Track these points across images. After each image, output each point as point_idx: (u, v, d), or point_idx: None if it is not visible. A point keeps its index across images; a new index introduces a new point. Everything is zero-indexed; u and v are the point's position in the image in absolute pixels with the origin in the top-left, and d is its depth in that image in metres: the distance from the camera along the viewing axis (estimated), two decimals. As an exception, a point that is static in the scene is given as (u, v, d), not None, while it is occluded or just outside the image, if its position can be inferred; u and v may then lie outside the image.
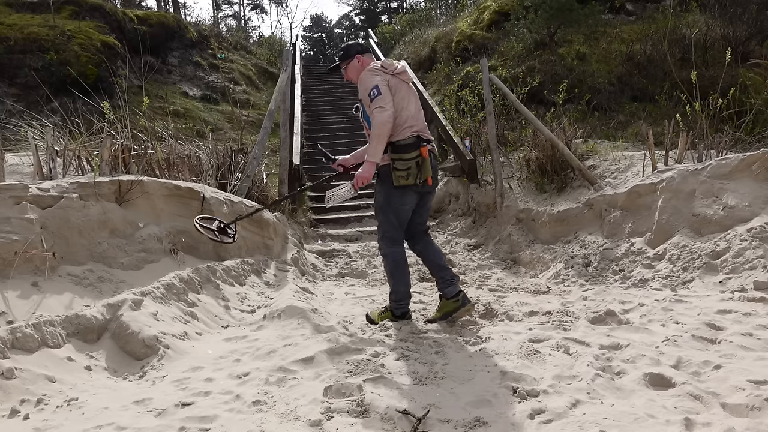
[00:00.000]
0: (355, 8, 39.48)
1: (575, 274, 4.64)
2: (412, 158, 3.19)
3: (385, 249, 3.39)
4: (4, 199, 3.12)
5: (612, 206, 5.00)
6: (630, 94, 9.22)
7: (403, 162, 3.19)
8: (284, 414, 2.16)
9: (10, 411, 2.12)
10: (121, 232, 3.65)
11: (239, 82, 14.15)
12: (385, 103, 3.11)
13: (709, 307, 3.19)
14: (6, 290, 2.79)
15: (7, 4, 10.75)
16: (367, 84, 3.21)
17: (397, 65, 3.35)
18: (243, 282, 4.21)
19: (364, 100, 3.27)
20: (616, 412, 2.02)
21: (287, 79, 7.46)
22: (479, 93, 7.69)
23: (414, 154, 3.19)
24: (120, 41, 11.26)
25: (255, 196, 5.76)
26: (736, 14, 9.39)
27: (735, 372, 2.27)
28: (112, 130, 4.46)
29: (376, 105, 3.12)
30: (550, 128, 6.38)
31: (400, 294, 3.41)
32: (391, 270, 3.40)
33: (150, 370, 2.64)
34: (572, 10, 9.98)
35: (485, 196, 6.82)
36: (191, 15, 30.04)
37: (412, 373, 2.53)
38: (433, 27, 16.31)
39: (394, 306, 3.44)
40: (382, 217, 3.37)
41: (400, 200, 3.28)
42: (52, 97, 7.52)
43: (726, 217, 4.07)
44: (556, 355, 2.67)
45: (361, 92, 3.25)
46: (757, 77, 8.15)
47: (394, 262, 3.37)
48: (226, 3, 33.77)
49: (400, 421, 2.06)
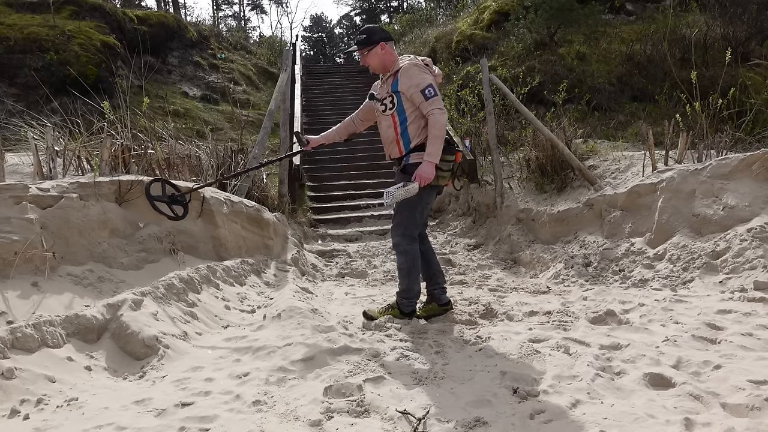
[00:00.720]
0: (355, 8, 39.49)
1: (575, 274, 4.64)
2: (452, 160, 3.30)
3: (405, 246, 3.34)
4: (4, 199, 3.12)
5: (612, 206, 5.00)
6: (630, 94, 9.22)
7: (446, 163, 3.26)
8: (284, 414, 2.16)
9: (10, 411, 2.12)
10: (121, 232, 3.65)
11: (239, 82, 14.15)
12: (442, 105, 3.19)
13: (709, 307, 3.19)
14: (6, 290, 2.79)
15: (7, 4, 10.76)
16: (419, 80, 3.18)
17: (436, 68, 3.39)
18: (243, 282, 4.21)
19: (411, 94, 3.19)
20: (616, 412, 2.02)
21: (287, 79, 7.46)
22: (479, 93, 7.69)
23: (453, 156, 3.30)
24: (120, 41, 11.27)
25: (255, 196, 5.76)
26: (736, 14, 9.40)
27: (735, 372, 2.27)
28: (112, 130, 4.46)
29: (436, 105, 3.16)
30: (550, 128, 6.38)
31: (413, 292, 3.41)
32: (409, 268, 3.36)
33: (150, 370, 2.64)
34: (572, 10, 9.98)
35: (485, 196, 6.82)
36: (191, 15, 30.07)
37: (412, 373, 2.53)
38: (433, 27, 16.32)
39: (406, 303, 3.41)
40: (408, 214, 3.32)
41: (429, 198, 3.37)
42: (52, 97, 7.52)
43: (726, 217, 4.07)
44: (556, 355, 2.67)
45: (408, 85, 3.18)
46: (757, 77, 8.15)
47: (413, 260, 3.36)
48: (226, 3, 33.79)
49: (400, 421, 2.06)
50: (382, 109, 3.33)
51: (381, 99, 3.32)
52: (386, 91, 3.31)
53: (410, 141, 3.27)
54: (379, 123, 3.41)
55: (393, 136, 3.31)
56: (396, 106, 3.26)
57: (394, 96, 3.26)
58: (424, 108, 3.17)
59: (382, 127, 3.38)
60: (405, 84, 3.21)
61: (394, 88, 3.25)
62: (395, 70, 3.29)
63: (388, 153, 3.43)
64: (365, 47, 3.30)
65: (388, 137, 3.36)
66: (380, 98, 3.33)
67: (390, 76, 3.31)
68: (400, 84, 3.23)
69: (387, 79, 3.34)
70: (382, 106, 3.31)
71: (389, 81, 3.31)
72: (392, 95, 3.26)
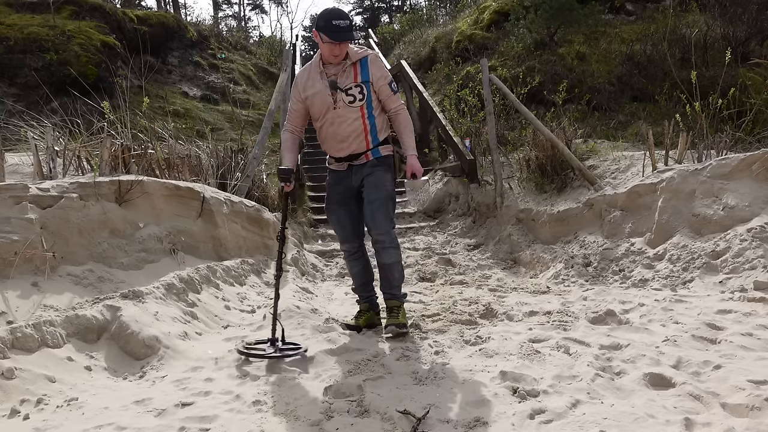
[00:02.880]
0: (355, 8, 39.47)
1: (575, 274, 4.64)
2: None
3: (396, 240, 3.20)
4: (4, 199, 3.12)
5: (612, 206, 5.00)
6: (630, 94, 9.22)
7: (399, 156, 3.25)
8: (284, 414, 2.16)
9: (10, 411, 2.12)
10: (121, 232, 3.65)
11: (239, 82, 14.14)
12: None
13: (709, 307, 3.19)
14: (6, 290, 2.79)
15: (7, 4, 10.75)
16: (386, 73, 3.14)
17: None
18: (243, 282, 4.21)
19: (380, 86, 3.08)
20: (616, 412, 2.02)
21: (287, 79, 7.47)
22: (479, 93, 7.69)
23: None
24: (120, 41, 11.26)
25: (255, 196, 5.76)
26: (736, 14, 9.39)
27: (735, 372, 2.27)
28: (112, 130, 4.46)
29: (401, 101, 3.18)
30: (550, 128, 6.38)
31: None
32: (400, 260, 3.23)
33: (150, 370, 2.64)
34: (572, 10, 9.98)
35: (485, 196, 6.82)
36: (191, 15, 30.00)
37: (412, 373, 2.53)
38: (433, 27, 16.31)
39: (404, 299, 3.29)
40: (392, 205, 3.21)
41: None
42: (52, 97, 7.53)
43: (726, 217, 4.07)
44: (556, 355, 2.67)
45: (378, 76, 3.07)
46: (757, 77, 8.14)
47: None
48: (226, 3, 33.76)
49: (400, 421, 2.06)
50: (349, 100, 3.03)
51: (345, 89, 3.03)
52: (351, 80, 3.03)
53: (377, 134, 3.14)
54: (337, 117, 3.07)
55: (360, 128, 3.08)
56: (366, 97, 3.05)
57: (363, 86, 3.04)
58: (392, 102, 3.14)
59: (344, 120, 3.06)
60: (376, 74, 3.06)
61: (365, 77, 3.04)
62: (358, 58, 3.05)
63: (347, 148, 3.13)
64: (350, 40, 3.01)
65: (353, 131, 3.08)
66: (345, 88, 3.03)
67: (351, 65, 3.04)
68: (371, 74, 3.05)
69: (347, 68, 3.04)
70: (349, 97, 3.03)
71: (351, 70, 3.04)
72: (361, 85, 3.03)
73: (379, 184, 3.13)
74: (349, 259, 3.40)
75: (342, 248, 3.44)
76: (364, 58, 3.07)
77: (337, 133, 3.11)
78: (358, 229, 3.32)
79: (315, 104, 3.10)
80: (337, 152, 3.19)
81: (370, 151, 3.14)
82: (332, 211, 3.33)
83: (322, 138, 3.22)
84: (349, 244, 3.33)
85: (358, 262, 3.38)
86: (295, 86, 3.17)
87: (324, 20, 2.93)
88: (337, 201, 3.27)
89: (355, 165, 3.18)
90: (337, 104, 3.05)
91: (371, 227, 3.15)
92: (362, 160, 3.16)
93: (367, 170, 3.14)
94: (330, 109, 3.07)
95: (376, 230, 3.12)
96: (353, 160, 3.17)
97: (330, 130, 3.12)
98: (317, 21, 2.99)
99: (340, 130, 3.09)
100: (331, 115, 3.08)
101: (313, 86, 3.08)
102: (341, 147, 3.15)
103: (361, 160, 3.16)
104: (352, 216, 3.26)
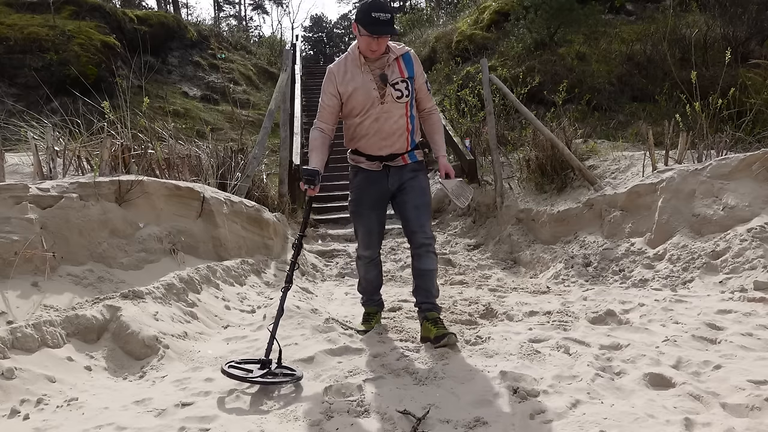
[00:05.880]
0: (356, 8, 39.58)
1: (575, 274, 4.64)
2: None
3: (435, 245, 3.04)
4: (4, 199, 3.12)
5: (612, 206, 5.00)
6: (630, 94, 9.22)
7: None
8: (284, 414, 2.16)
9: (10, 411, 2.12)
10: (121, 232, 3.65)
11: (239, 82, 14.15)
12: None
13: (709, 307, 3.19)
14: (6, 290, 2.79)
15: (7, 4, 10.76)
16: (423, 71, 3.00)
17: None
18: (243, 282, 4.21)
19: (420, 83, 2.96)
20: (616, 412, 2.02)
21: (287, 79, 7.46)
22: (479, 93, 7.69)
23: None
24: (120, 41, 11.27)
25: (255, 196, 5.76)
26: (736, 14, 9.39)
27: (735, 372, 2.27)
28: (112, 130, 4.46)
29: (434, 102, 3.09)
30: (550, 128, 6.38)
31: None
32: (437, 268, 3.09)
33: (150, 370, 2.64)
34: (572, 10, 9.99)
35: (485, 196, 6.82)
36: (192, 15, 30.04)
37: (412, 373, 2.53)
38: (433, 27, 16.32)
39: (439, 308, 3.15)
40: (429, 211, 3.08)
41: None
42: (52, 97, 7.53)
43: (726, 217, 4.07)
44: (556, 355, 2.67)
45: (418, 73, 2.94)
46: (757, 77, 8.14)
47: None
48: (228, 3, 33.78)
49: (400, 421, 2.06)
50: (397, 95, 2.85)
51: (393, 84, 2.84)
52: (398, 75, 2.86)
53: (415, 135, 2.99)
54: (383, 113, 2.89)
55: (404, 127, 2.91)
56: (411, 93, 2.88)
57: (408, 82, 2.87)
58: (428, 101, 3.04)
59: (390, 117, 2.89)
60: (418, 71, 2.92)
61: (411, 73, 2.88)
62: (401, 53, 2.90)
63: (390, 146, 2.95)
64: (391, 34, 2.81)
65: (398, 128, 2.91)
66: (392, 83, 2.85)
67: (396, 59, 2.87)
68: (414, 69, 2.90)
69: (391, 63, 2.86)
70: (397, 92, 2.85)
71: (396, 64, 2.87)
72: (407, 81, 2.87)
73: (425, 189, 3.02)
74: (369, 266, 3.23)
75: (362, 254, 3.22)
76: (407, 53, 2.92)
77: (382, 130, 2.91)
78: (382, 236, 3.20)
79: (356, 99, 2.89)
80: (378, 150, 2.96)
81: (407, 154, 2.99)
82: (362, 216, 3.10)
83: (362, 134, 2.97)
84: (371, 251, 3.18)
85: (375, 268, 3.26)
86: (330, 81, 2.92)
87: (363, 12, 2.72)
88: (370, 205, 3.06)
89: (393, 167, 2.99)
90: (385, 99, 2.85)
91: (418, 231, 2.97)
92: (399, 162, 2.99)
93: (408, 174, 2.99)
94: (375, 104, 2.86)
95: (423, 235, 2.96)
96: (390, 161, 2.98)
97: (375, 126, 2.90)
98: (357, 12, 2.79)
99: (386, 126, 2.90)
100: (377, 110, 2.87)
101: (353, 80, 2.87)
102: (384, 145, 2.94)
103: (398, 162, 2.98)
104: (381, 222, 3.12)
